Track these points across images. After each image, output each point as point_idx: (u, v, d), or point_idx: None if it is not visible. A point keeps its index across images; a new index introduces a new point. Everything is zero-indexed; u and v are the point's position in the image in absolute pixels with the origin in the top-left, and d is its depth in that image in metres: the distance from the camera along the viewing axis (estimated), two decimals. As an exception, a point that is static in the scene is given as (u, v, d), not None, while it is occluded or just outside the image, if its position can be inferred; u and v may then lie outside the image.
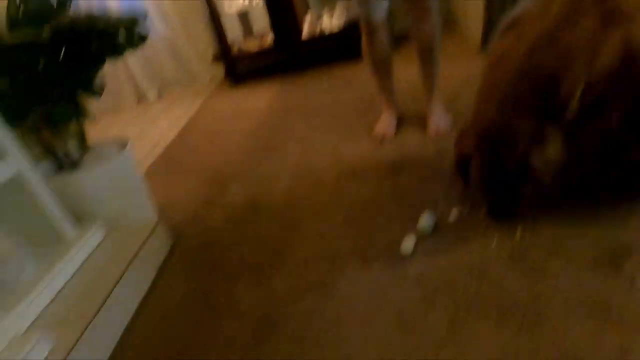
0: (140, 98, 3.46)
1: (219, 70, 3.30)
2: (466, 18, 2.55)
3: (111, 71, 3.22)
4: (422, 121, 1.69)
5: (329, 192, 1.44)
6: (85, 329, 0.96)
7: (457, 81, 1.98)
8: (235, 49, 3.12)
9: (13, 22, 1.11)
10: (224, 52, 3.06)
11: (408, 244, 1.07)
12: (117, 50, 1.26)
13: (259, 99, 2.73)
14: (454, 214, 1.13)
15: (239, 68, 3.14)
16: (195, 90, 3.34)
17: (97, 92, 1.37)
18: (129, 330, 1.07)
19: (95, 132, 1.55)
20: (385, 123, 1.72)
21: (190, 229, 1.46)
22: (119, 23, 1.25)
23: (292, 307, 1.00)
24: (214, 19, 2.94)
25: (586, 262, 0.89)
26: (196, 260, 1.29)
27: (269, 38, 3.07)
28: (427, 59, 1.59)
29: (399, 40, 1.75)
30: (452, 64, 2.16)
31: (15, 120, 1.08)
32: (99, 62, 1.31)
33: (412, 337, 0.83)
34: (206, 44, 3.28)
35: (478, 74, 1.05)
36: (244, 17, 3.26)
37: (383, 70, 1.70)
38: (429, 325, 0.85)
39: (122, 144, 1.42)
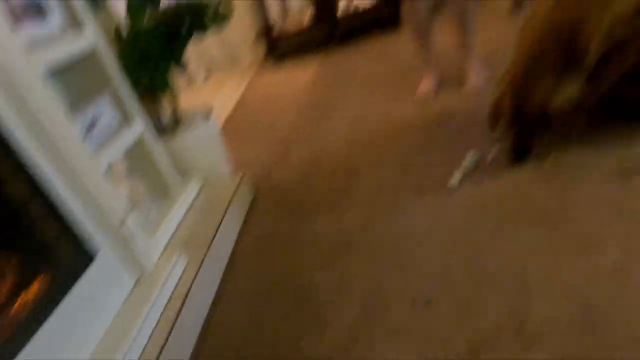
0: (189, 81, 3.75)
1: (260, 52, 3.55)
2: None
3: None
4: (461, 80, 1.89)
5: (383, 144, 1.69)
6: (207, 250, 1.25)
7: (491, 41, 2.14)
8: (276, 29, 3.35)
9: (132, 8, 1.39)
10: (266, 32, 3.30)
11: (456, 178, 1.30)
12: (204, 27, 1.51)
13: (303, 74, 2.97)
14: (492, 152, 1.35)
15: (280, 47, 3.38)
16: (240, 72, 3.59)
17: (184, 65, 1.64)
18: (233, 253, 1.36)
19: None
20: (428, 84, 1.93)
21: (265, 183, 1.73)
22: (206, 5, 1.51)
23: (363, 233, 1.25)
24: (258, 1, 3.17)
25: (605, 176, 1.09)
26: (276, 205, 1.57)
27: (308, 17, 3.28)
28: (464, 22, 1.78)
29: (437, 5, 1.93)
30: (484, 29, 2.32)
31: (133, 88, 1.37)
32: (188, 39, 1.58)
33: (461, 244, 1.07)
34: (248, 26, 3.52)
35: (510, 34, 1.25)
36: (282, -2, 3.47)
37: (424, 34, 1.89)
38: (476, 234, 1.08)
39: (207, 113, 1.69)
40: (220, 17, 1.52)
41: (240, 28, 3.56)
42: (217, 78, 3.70)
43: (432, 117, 1.74)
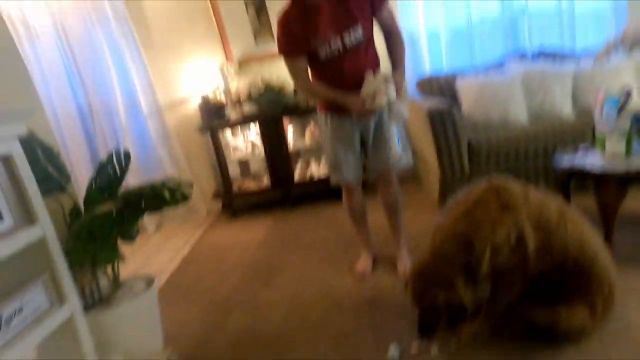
0: (140, 230, 3.79)
1: (216, 205, 3.75)
2: (428, 179, 3.11)
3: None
4: (393, 261, 2.08)
5: (317, 323, 1.74)
6: None
7: (420, 230, 2.42)
8: (235, 187, 3.61)
9: (89, 196, 1.52)
10: (225, 190, 3.54)
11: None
12: (161, 207, 1.64)
13: (255, 232, 3.12)
14: (414, 346, 1.44)
15: (236, 203, 3.60)
16: (193, 223, 3.71)
17: (134, 237, 1.73)
18: None
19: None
20: (364, 262, 2.11)
21: (197, 355, 1.69)
22: (163, 186, 1.66)
23: None
24: (220, 163, 3.49)
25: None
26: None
27: (265, 179, 3.60)
28: (394, 215, 2.05)
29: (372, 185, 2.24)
30: (417, 214, 2.67)
31: (74, 267, 1.40)
32: (141, 215, 1.70)
33: None
34: (207, 182, 3.78)
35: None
36: (244, 163, 3.83)
37: (360, 220, 2.14)
38: None
39: (149, 281, 1.72)
40: (180, 198, 1.67)
41: (198, 180, 3.81)
42: (169, 227, 3.75)
43: (366, 296, 1.87)
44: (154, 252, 3.15)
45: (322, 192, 3.43)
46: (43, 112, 2.01)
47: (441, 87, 3.16)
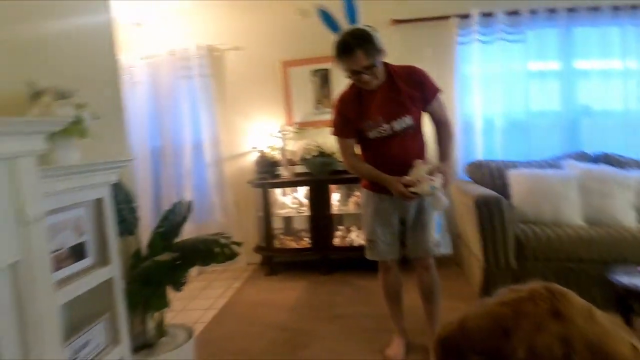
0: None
1: (257, 258, 3.85)
2: (471, 268, 3.05)
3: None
4: (427, 350, 2.02)
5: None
6: None
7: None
8: (276, 243, 3.71)
9: (153, 242, 1.67)
10: (267, 244, 3.65)
11: None
12: (210, 262, 1.75)
13: (290, 292, 3.15)
14: None
15: (276, 259, 3.68)
16: (233, 273, 3.80)
17: (182, 287, 1.83)
18: None
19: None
20: (396, 348, 2.06)
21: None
22: (215, 243, 1.79)
23: None
24: (266, 217, 3.63)
25: None
26: None
27: (306, 239, 3.68)
28: (429, 300, 2.03)
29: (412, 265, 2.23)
30: (455, 302, 2.59)
31: (133, 309, 1.52)
32: (192, 267, 1.82)
33: None
34: (251, 235, 3.92)
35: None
36: (287, 219, 3.95)
37: (395, 300, 2.13)
38: None
39: (189, 331, 1.80)
40: (231, 254, 1.79)
41: (243, 231, 3.94)
42: (210, 273, 3.87)
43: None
44: (193, 297, 3.25)
45: (360, 261, 3.43)
46: (132, 160, 2.20)
47: (492, 175, 3.11)
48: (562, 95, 3.35)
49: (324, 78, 3.83)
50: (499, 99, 3.42)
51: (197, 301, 3.16)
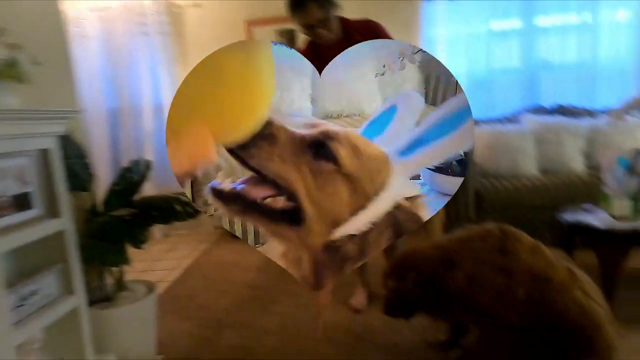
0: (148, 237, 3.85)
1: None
2: (431, 223, 3.10)
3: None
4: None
5: (308, 354, 1.77)
6: None
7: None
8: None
9: (108, 198, 1.61)
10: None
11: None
12: (170, 219, 1.72)
13: (258, 254, 3.13)
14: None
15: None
16: (199, 237, 3.75)
17: (142, 244, 1.79)
18: None
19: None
20: (359, 298, 2.14)
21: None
22: (176, 200, 1.75)
23: None
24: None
25: None
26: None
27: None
28: (390, 253, 2.06)
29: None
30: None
31: (84, 263, 1.47)
32: (151, 224, 1.77)
33: None
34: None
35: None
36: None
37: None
38: None
39: (150, 287, 1.78)
40: (193, 212, 1.75)
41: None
42: (176, 236, 3.81)
43: (357, 332, 1.91)
44: (158, 259, 3.21)
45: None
46: (80, 112, 2.12)
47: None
48: (523, 51, 3.42)
49: (290, 39, 3.71)
50: (462, 59, 3.45)
51: (161, 262, 3.13)
